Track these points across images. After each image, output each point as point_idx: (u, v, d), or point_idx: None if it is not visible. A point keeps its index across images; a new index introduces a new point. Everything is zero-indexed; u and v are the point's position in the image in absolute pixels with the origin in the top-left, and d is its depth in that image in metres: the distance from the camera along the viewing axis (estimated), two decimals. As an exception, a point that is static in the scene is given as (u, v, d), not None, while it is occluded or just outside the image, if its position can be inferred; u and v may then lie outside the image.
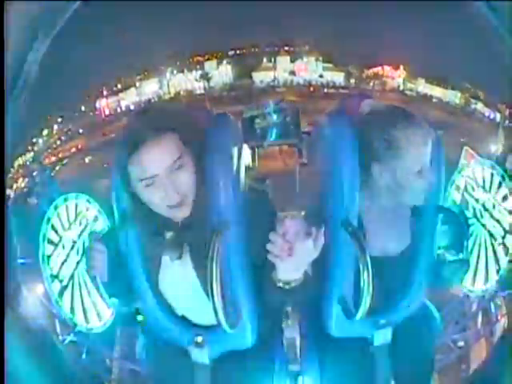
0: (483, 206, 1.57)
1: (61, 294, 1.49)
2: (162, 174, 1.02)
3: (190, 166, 1.06)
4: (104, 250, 1.17)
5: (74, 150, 24.98)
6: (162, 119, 1.06)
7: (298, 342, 1.46)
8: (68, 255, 1.54)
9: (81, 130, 26.29)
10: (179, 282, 1.20)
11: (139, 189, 1.05)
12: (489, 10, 0.94)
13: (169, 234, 1.16)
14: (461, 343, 4.24)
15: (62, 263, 1.52)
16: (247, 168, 1.27)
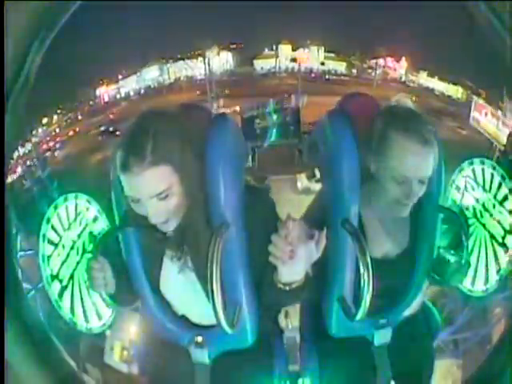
0: (483, 205, 1.56)
1: (61, 294, 1.49)
2: (145, 201, 1.00)
3: (181, 191, 1.03)
4: (106, 267, 1.15)
5: (71, 133, 25.08)
6: (159, 146, 0.98)
7: (297, 342, 1.47)
8: (68, 255, 1.53)
9: (80, 117, 26.47)
10: (179, 282, 1.20)
11: (128, 198, 1.05)
12: (489, 10, 0.94)
13: (169, 235, 1.16)
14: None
15: (62, 263, 1.51)
16: (247, 168, 1.27)
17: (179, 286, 1.20)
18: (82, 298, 1.55)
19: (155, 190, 0.99)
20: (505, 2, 0.90)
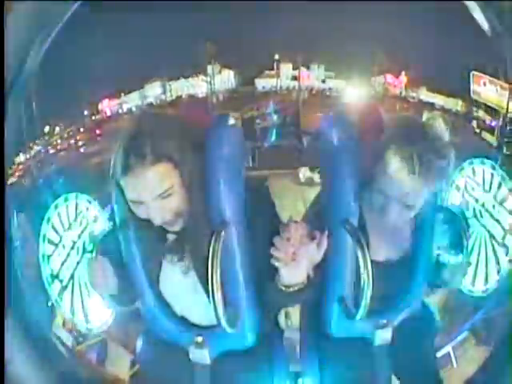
0: (483, 206, 1.57)
1: (61, 294, 1.49)
2: (148, 202, 1.01)
3: (183, 189, 1.04)
4: (107, 267, 1.14)
5: (72, 141, 25.46)
6: (158, 144, 0.98)
7: (297, 342, 1.47)
8: (68, 255, 1.54)
9: (82, 129, 26.83)
10: (179, 282, 1.20)
11: (130, 203, 1.05)
12: (489, 10, 0.94)
13: (170, 236, 1.16)
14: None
15: (62, 263, 1.52)
16: (247, 168, 1.27)
17: (179, 285, 1.20)
18: (82, 299, 1.55)
19: (158, 189, 0.99)
20: (505, 2, 0.90)
